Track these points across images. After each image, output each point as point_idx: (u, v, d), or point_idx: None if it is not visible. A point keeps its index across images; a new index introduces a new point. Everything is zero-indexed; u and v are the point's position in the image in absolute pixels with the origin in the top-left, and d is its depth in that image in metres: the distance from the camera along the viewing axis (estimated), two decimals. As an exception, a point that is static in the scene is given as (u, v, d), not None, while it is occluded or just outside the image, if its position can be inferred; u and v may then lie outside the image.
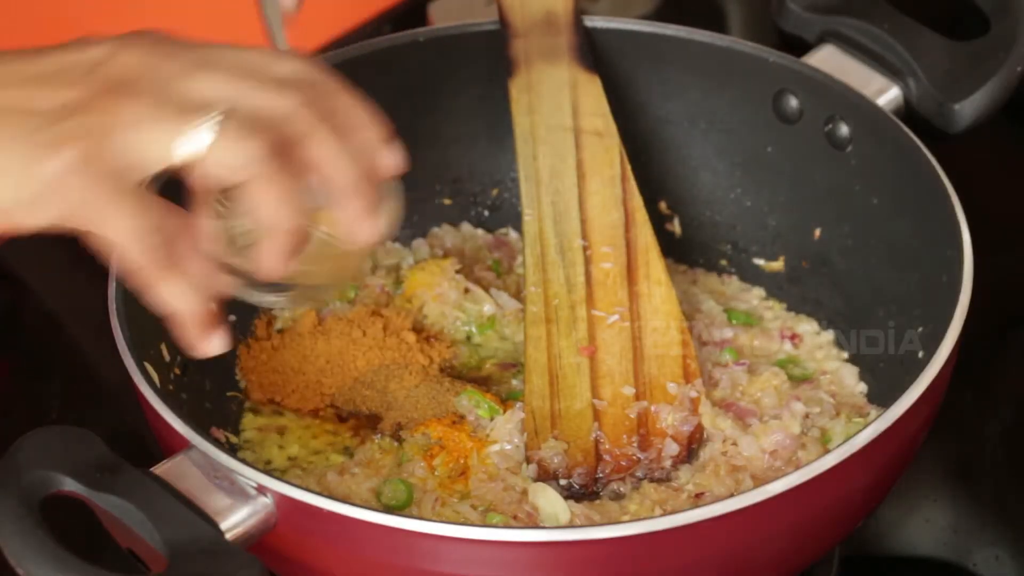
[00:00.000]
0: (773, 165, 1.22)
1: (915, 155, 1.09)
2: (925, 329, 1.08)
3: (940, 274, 1.04)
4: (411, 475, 1.06)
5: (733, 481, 1.03)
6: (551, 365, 1.09)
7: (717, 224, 1.25)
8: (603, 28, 1.23)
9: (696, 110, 1.24)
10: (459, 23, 1.24)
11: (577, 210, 1.16)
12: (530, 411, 1.07)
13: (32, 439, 0.88)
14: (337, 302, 1.20)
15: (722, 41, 1.20)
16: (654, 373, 1.09)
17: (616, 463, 1.05)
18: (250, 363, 1.16)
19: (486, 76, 1.23)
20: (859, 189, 1.16)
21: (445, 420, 1.09)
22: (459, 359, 1.16)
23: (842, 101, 1.15)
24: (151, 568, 0.88)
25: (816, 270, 1.20)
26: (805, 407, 1.08)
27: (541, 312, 1.11)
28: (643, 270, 1.13)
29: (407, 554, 0.88)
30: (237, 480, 0.90)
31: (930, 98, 1.16)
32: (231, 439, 1.11)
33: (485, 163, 1.27)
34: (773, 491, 0.88)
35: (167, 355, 1.07)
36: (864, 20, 1.19)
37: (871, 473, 0.94)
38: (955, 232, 1.03)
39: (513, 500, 1.03)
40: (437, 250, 1.25)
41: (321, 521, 0.88)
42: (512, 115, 1.20)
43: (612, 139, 1.18)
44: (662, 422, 1.06)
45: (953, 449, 1.18)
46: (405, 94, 1.22)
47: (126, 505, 0.86)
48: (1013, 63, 1.17)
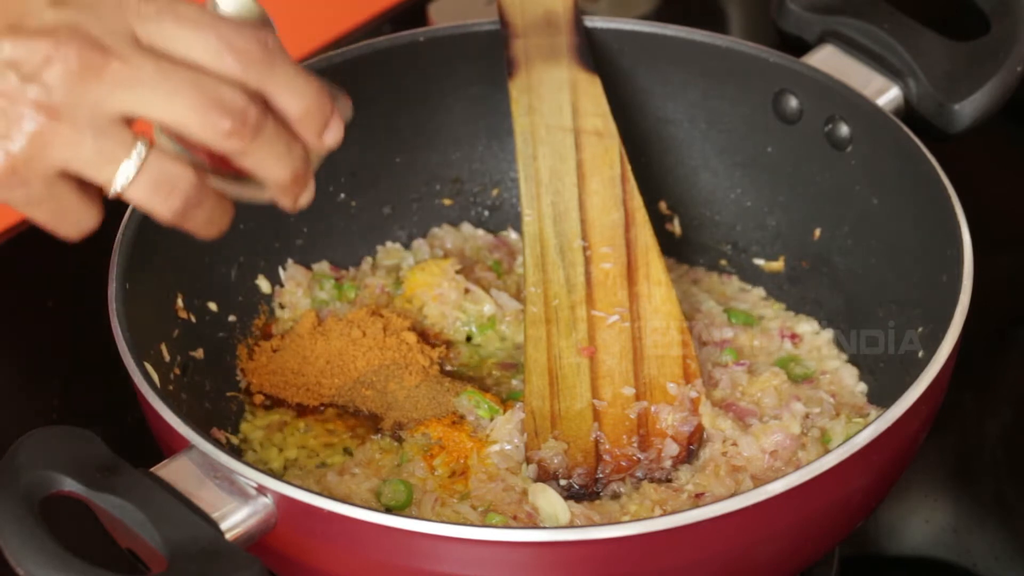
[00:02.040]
0: (773, 165, 1.22)
1: (915, 155, 1.09)
2: (925, 329, 1.08)
3: (940, 274, 1.04)
4: (411, 475, 1.06)
5: (733, 481, 1.03)
6: (551, 365, 1.09)
7: (717, 224, 1.25)
8: (603, 28, 1.23)
9: (696, 110, 1.24)
10: (459, 23, 1.24)
11: (577, 210, 1.16)
12: (530, 411, 1.07)
13: (32, 439, 0.88)
14: (337, 302, 1.20)
15: (722, 41, 1.20)
16: (654, 373, 1.09)
17: (616, 463, 1.05)
18: (250, 363, 1.16)
19: (486, 76, 1.23)
20: (859, 189, 1.16)
21: (445, 420, 1.09)
22: (459, 359, 1.16)
23: (842, 101, 1.15)
24: (151, 568, 0.88)
25: (816, 270, 1.20)
26: (805, 407, 1.08)
27: (541, 312, 1.11)
28: (643, 270, 1.13)
29: (407, 554, 0.88)
30: (237, 480, 0.90)
31: (930, 98, 1.16)
32: (231, 439, 1.11)
33: (485, 163, 1.27)
34: (773, 491, 0.88)
35: (167, 355, 1.07)
36: (864, 20, 1.19)
37: (871, 473, 0.94)
38: (955, 232, 1.03)
39: (513, 500, 1.02)
40: (437, 250, 1.25)
41: (321, 521, 0.88)
42: (512, 115, 1.20)
43: (612, 139, 1.18)
44: (662, 422, 1.06)
45: (953, 449, 1.18)
46: (405, 94, 1.22)
47: (126, 505, 0.86)
48: (1013, 63, 1.17)
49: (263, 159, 0.85)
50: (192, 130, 0.82)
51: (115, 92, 0.81)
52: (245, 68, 0.83)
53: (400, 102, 1.22)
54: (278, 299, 1.20)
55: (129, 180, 0.83)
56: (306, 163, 0.87)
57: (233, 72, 0.83)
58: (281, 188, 0.87)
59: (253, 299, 1.19)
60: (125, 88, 0.81)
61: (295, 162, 0.86)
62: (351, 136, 1.21)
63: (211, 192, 0.86)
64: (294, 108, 0.85)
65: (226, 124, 0.82)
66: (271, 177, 0.86)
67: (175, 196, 0.84)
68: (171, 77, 0.82)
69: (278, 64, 0.84)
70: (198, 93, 0.82)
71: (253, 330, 1.18)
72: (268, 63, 0.84)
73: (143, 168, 0.83)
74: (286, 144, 0.85)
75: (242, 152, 0.84)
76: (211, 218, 0.87)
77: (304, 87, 0.85)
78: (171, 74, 0.82)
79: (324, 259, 1.23)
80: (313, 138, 0.87)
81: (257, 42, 0.83)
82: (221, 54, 0.83)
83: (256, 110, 0.83)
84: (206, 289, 1.14)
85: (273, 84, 0.84)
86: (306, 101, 0.85)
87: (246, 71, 0.83)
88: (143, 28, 0.82)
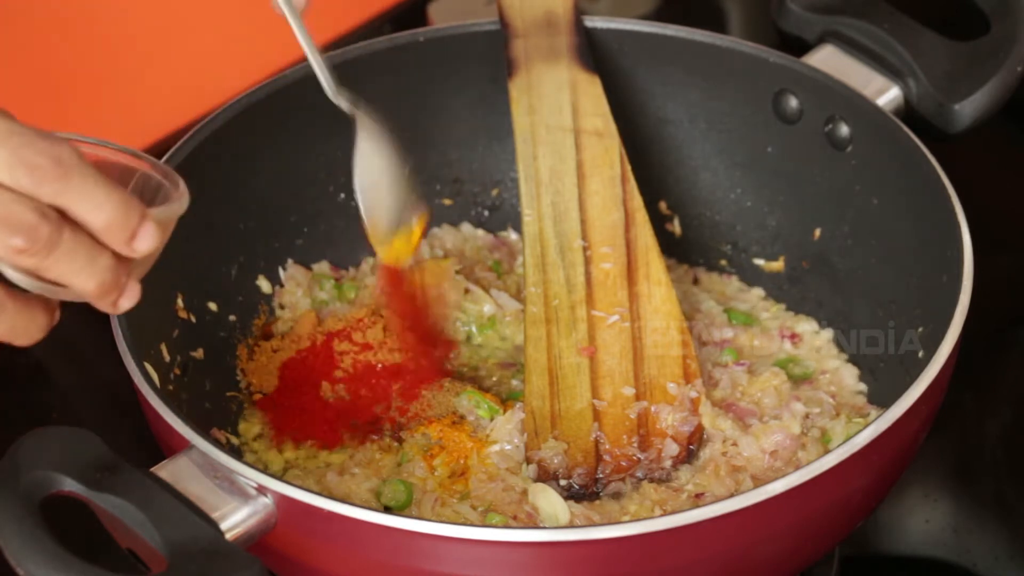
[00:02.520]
0: (773, 165, 1.22)
1: (915, 155, 1.09)
2: (925, 329, 1.08)
3: (940, 274, 1.04)
4: (411, 475, 1.06)
5: (733, 481, 1.03)
6: (551, 365, 1.09)
7: (717, 224, 1.25)
8: (603, 28, 1.23)
9: (696, 110, 1.24)
10: (459, 23, 1.24)
11: (577, 210, 1.16)
12: (530, 411, 1.07)
13: (32, 439, 0.88)
14: (337, 302, 1.20)
15: (722, 41, 1.20)
16: (654, 373, 1.09)
17: (616, 463, 1.05)
18: (250, 363, 1.16)
19: (486, 76, 1.23)
20: (859, 189, 1.16)
21: (445, 420, 1.09)
22: (459, 359, 1.16)
23: (842, 101, 1.15)
24: (151, 568, 0.88)
25: (816, 270, 1.20)
26: (805, 407, 1.08)
27: (541, 312, 1.11)
28: (643, 270, 1.13)
29: (407, 554, 0.88)
30: (237, 480, 0.90)
31: (930, 98, 1.16)
32: (231, 439, 1.11)
33: (485, 163, 1.27)
34: (773, 491, 0.88)
35: (167, 355, 1.07)
36: (864, 20, 1.19)
37: (871, 473, 0.94)
38: (955, 232, 1.03)
39: (513, 500, 1.03)
40: (437, 251, 1.25)
41: (321, 521, 0.88)
42: (512, 115, 1.20)
43: (612, 139, 1.18)
44: (662, 422, 1.06)
45: (953, 449, 1.18)
46: (405, 94, 1.22)
47: (126, 505, 0.86)
48: (1013, 63, 1.17)
49: (64, 273, 0.83)
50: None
51: None
52: (37, 183, 0.81)
53: (400, 102, 1.22)
54: (278, 299, 1.20)
55: None
56: (114, 272, 0.85)
57: (25, 187, 0.81)
58: (92, 298, 0.86)
59: (253, 299, 1.19)
60: None
61: (100, 273, 0.84)
62: (352, 136, 1.21)
63: (11, 304, 0.85)
64: (94, 221, 0.83)
65: (17, 242, 0.81)
66: (77, 289, 0.84)
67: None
68: None
69: (73, 178, 0.82)
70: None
71: (253, 330, 1.18)
72: (61, 177, 0.82)
73: None
74: (87, 257, 0.83)
75: (40, 268, 0.82)
76: (14, 328, 0.86)
77: (103, 199, 0.83)
78: None
79: (324, 259, 1.23)
80: (121, 247, 0.84)
81: (50, 157, 0.82)
82: (12, 168, 0.81)
83: (48, 227, 0.81)
84: (206, 289, 1.14)
85: (68, 198, 0.82)
86: (105, 213, 0.83)
87: (38, 186, 0.81)
88: None
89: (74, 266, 0.83)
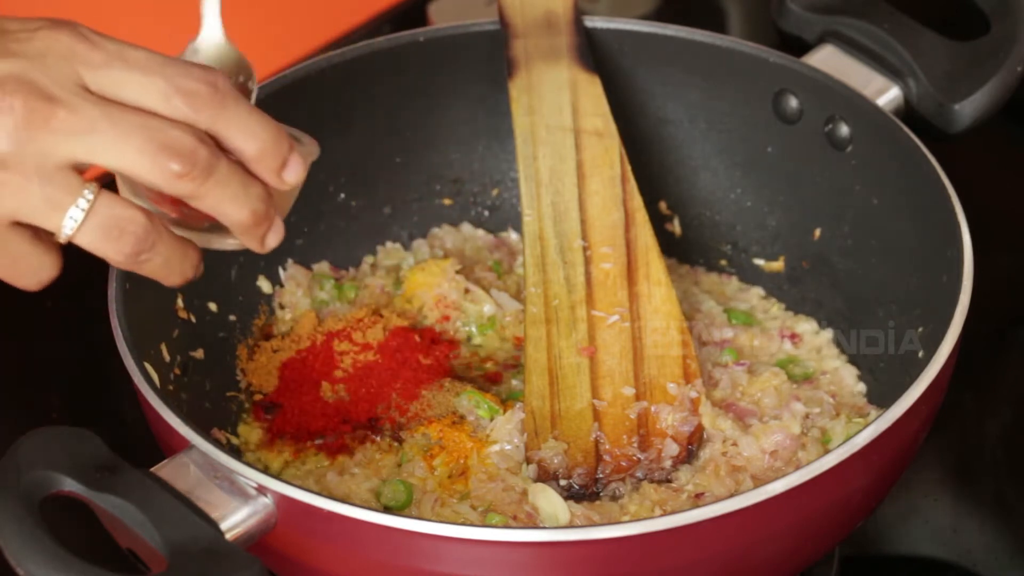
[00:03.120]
0: (773, 165, 1.22)
1: (915, 155, 1.09)
2: (925, 329, 1.08)
3: (940, 274, 1.04)
4: (411, 475, 1.06)
5: (733, 481, 1.03)
6: (551, 365, 1.09)
7: (717, 224, 1.25)
8: (603, 28, 1.23)
9: (696, 110, 1.24)
10: (459, 23, 1.24)
11: (577, 210, 1.16)
12: (530, 411, 1.07)
13: (32, 439, 0.88)
14: (337, 302, 1.20)
15: (722, 41, 1.20)
16: (654, 373, 1.09)
17: (616, 463, 1.05)
18: (250, 363, 1.16)
19: (486, 76, 1.23)
20: (859, 189, 1.16)
21: (445, 420, 1.09)
22: (459, 359, 1.16)
23: (842, 101, 1.15)
24: (151, 568, 0.88)
25: (816, 270, 1.20)
26: (805, 407, 1.08)
27: (541, 312, 1.11)
28: (643, 270, 1.13)
29: (407, 554, 0.88)
30: (237, 480, 0.90)
31: (930, 98, 1.16)
32: (231, 439, 1.11)
33: (485, 163, 1.27)
34: (773, 491, 0.88)
35: (167, 355, 1.07)
36: (864, 20, 1.19)
37: (871, 473, 0.94)
38: (955, 232, 1.03)
39: (513, 500, 1.02)
40: (437, 250, 1.25)
41: (321, 521, 0.88)
42: (512, 115, 1.20)
43: (612, 139, 1.18)
44: (662, 422, 1.06)
45: (953, 449, 1.18)
46: (405, 94, 1.22)
47: (126, 505, 0.86)
48: (1013, 63, 1.17)
49: (218, 201, 0.84)
50: (142, 174, 0.82)
51: (62, 140, 0.81)
52: (195, 110, 0.83)
53: (400, 102, 1.22)
54: (278, 299, 1.20)
55: (77, 225, 0.82)
56: (266, 203, 0.86)
57: (182, 114, 0.82)
58: (242, 229, 0.86)
59: (253, 299, 1.19)
60: (72, 136, 0.81)
61: (253, 202, 0.85)
62: (352, 136, 1.22)
63: (167, 237, 0.85)
64: (248, 148, 0.84)
65: (175, 166, 0.82)
66: (230, 218, 0.85)
67: (125, 240, 0.83)
68: (118, 123, 0.81)
69: (229, 105, 0.83)
70: (146, 137, 0.81)
71: (253, 330, 1.18)
72: (218, 104, 0.83)
73: (91, 213, 0.82)
74: (241, 184, 0.84)
75: (195, 195, 0.83)
76: (168, 263, 0.86)
77: (257, 127, 0.84)
78: (119, 120, 0.81)
79: (324, 259, 1.23)
80: (271, 177, 0.86)
81: (206, 83, 0.83)
82: (169, 97, 0.82)
83: (206, 151, 0.82)
84: (206, 289, 1.14)
85: (224, 125, 0.83)
86: (259, 141, 0.84)
87: (196, 113, 0.83)
88: (92, 76, 0.82)
89: (228, 192, 0.84)
